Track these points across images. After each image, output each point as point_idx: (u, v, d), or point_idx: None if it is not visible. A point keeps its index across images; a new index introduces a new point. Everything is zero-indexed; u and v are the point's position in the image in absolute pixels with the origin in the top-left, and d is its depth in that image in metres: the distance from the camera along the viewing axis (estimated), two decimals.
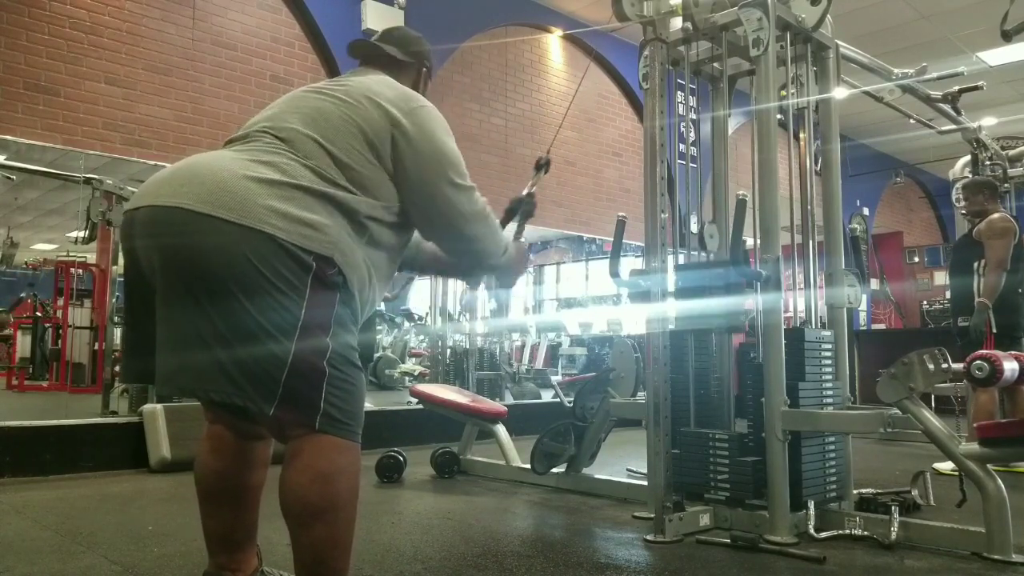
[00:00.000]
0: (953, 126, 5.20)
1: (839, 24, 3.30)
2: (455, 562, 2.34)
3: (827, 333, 2.97)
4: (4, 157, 5.66)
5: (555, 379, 7.86)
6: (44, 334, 9.34)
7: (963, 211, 4.65)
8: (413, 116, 1.67)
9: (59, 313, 8.60)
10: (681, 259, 3.18)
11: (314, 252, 1.48)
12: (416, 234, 1.81)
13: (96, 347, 6.93)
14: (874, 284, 12.25)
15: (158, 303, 1.51)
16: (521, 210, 2.16)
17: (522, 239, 2.10)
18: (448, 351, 7.47)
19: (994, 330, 4.12)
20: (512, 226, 2.14)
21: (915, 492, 3.01)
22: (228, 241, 1.43)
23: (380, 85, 1.72)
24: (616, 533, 2.76)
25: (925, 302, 12.49)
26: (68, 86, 5.23)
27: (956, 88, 4.96)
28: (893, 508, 2.57)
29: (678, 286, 2.97)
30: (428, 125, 1.69)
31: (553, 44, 8.52)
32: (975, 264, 4.27)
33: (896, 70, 4.41)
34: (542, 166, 2.30)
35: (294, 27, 6.42)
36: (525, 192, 2.19)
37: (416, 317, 10.63)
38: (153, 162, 5.46)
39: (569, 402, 4.14)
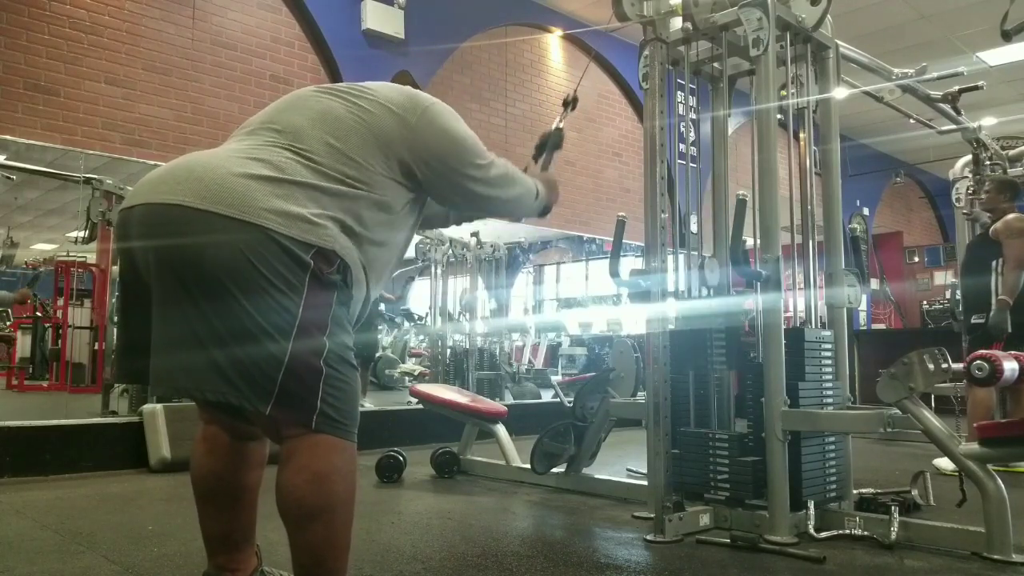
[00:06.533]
0: (953, 126, 5.19)
1: (839, 24, 3.29)
2: (455, 562, 2.34)
3: (827, 333, 2.96)
4: (4, 157, 5.65)
5: (555, 379, 7.86)
6: (44, 334, 9.34)
7: (981, 200, 4.59)
8: (425, 118, 1.69)
9: (59, 313, 8.60)
10: (681, 260, 3.18)
11: (315, 246, 1.47)
12: None
13: (96, 347, 6.92)
14: (874, 284, 12.25)
15: (154, 302, 1.51)
16: (550, 142, 2.28)
17: (551, 168, 2.25)
18: (448, 351, 7.47)
19: (1008, 329, 4.11)
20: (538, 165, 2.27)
21: (915, 492, 3.01)
22: (226, 238, 1.43)
23: (389, 90, 1.73)
24: (616, 533, 2.76)
25: (925, 302, 12.47)
26: (68, 86, 5.23)
27: (956, 88, 4.96)
28: (893, 508, 2.56)
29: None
30: (440, 123, 1.71)
31: (553, 44, 8.52)
32: (992, 263, 4.27)
33: (896, 70, 4.41)
34: (569, 103, 2.44)
35: (294, 27, 6.42)
36: (554, 127, 2.32)
37: (416, 317, 10.63)
38: (153, 162, 5.45)
39: (569, 402, 4.14)
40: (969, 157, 5.49)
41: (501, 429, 3.97)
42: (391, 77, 2.03)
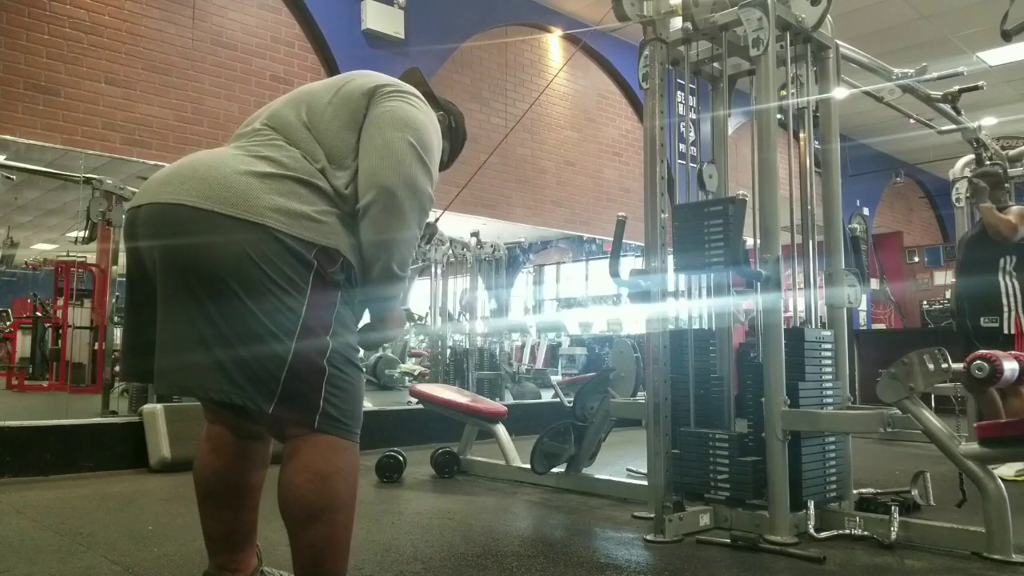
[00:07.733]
0: (953, 126, 5.19)
1: (839, 24, 3.29)
2: (455, 562, 2.34)
3: (827, 333, 2.96)
4: (4, 157, 5.65)
5: (555, 379, 7.85)
6: (44, 334, 9.34)
7: (984, 200, 4.52)
8: (396, 96, 1.64)
9: (59, 313, 8.60)
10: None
11: (317, 245, 1.48)
12: None
13: (96, 347, 6.93)
14: (874, 284, 12.24)
15: (159, 301, 1.51)
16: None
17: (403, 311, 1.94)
18: (448, 351, 7.47)
19: None
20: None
21: (915, 492, 3.01)
22: (229, 238, 1.43)
23: (381, 75, 1.72)
24: (616, 533, 2.76)
25: (925, 302, 12.47)
26: (68, 86, 5.23)
27: (956, 88, 4.95)
28: (893, 508, 2.56)
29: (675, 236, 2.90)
30: (407, 107, 1.63)
31: (553, 44, 8.52)
32: (1000, 260, 4.16)
33: (896, 70, 4.40)
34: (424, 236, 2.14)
35: (294, 27, 6.42)
36: None
37: (416, 317, 10.62)
38: (153, 162, 5.45)
39: (569, 402, 4.14)
40: (969, 157, 5.49)
41: (501, 429, 3.97)
42: (400, 74, 1.89)
